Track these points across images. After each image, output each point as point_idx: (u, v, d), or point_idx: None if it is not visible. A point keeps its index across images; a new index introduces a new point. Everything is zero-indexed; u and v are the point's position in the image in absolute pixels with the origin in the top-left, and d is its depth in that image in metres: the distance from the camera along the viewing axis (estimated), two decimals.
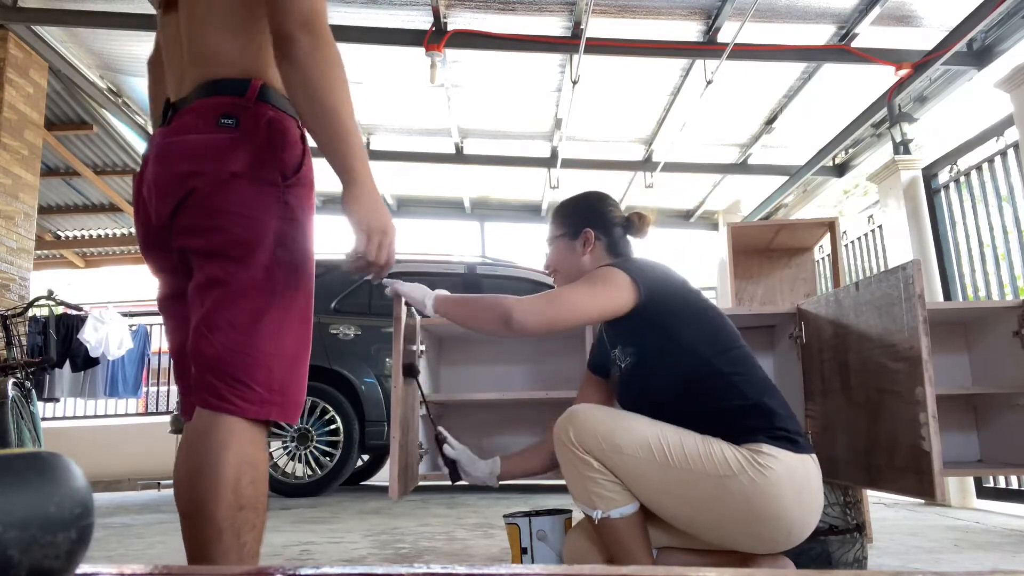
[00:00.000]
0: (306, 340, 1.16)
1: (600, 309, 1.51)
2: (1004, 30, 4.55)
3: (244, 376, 1.05)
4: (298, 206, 1.13)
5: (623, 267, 1.55)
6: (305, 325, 1.15)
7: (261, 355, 1.06)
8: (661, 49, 5.05)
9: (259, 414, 1.07)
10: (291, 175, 1.12)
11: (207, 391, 1.06)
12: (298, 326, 1.13)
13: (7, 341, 4.80)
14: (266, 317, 1.08)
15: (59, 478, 0.40)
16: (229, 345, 1.05)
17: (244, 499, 1.05)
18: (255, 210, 1.08)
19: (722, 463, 1.38)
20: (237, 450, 1.05)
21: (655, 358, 1.53)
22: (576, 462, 1.45)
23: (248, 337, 1.06)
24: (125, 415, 7.38)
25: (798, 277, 3.63)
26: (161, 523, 3.27)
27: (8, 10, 5.12)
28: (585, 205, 1.79)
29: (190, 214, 1.09)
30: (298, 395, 1.13)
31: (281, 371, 1.09)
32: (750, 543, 1.43)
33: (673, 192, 8.11)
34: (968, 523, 3.19)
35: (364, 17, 5.06)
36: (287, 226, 1.11)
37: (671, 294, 1.55)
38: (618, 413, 1.49)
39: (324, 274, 4.96)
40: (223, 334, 1.05)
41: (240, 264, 1.07)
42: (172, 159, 1.10)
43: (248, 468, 1.06)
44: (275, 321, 1.09)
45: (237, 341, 1.06)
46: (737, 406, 1.45)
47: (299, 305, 1.14)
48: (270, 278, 1.09)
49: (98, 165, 7.55)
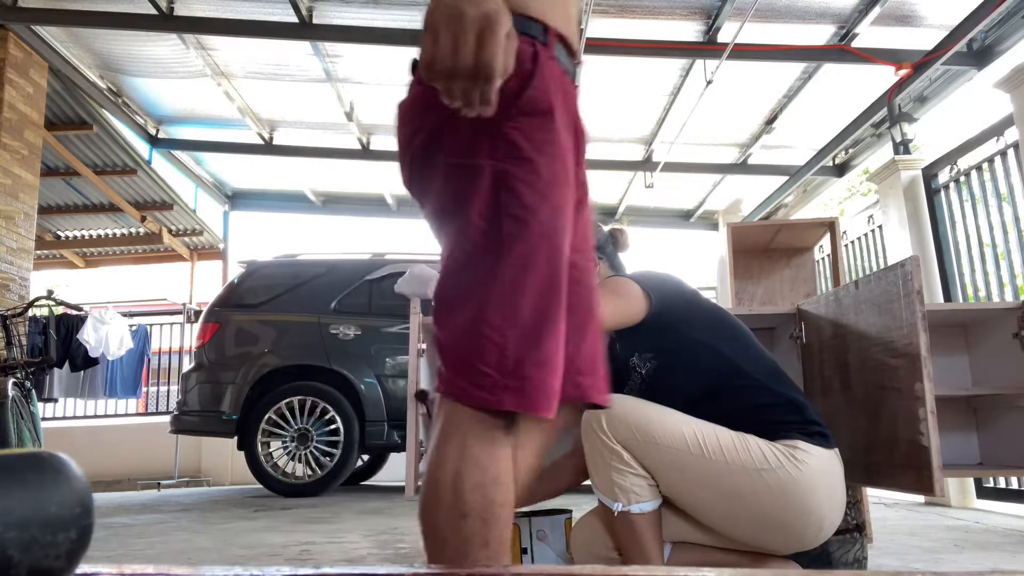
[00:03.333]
0: (551, 308, 0.90)
1: (614, 318, 1.53)
2: (1004, 30, 4.55)
3: (470, 355, 0.88)
4: (525, 141, 0.90)
5: (633, 278, 1.57)
6: (549, 289, 0.90)
7: (488, 329, 0.87)
8: (661, 49, 5.05)
9: (486, 402, 0.87)
10: (509, 105, 0.88)
11: (438, 374, 0.91)
12: (538, 290, 0.89)
13: (7, 341, 4.80)
14: (492, 283, 0.88)
15: (59, 478, 0.40)
16: (455, 320, 0.90)
17: (466, 506, 0.86)
18: (460, 155, 0.90)
19: (759, 457, 1.38)
20: (458, 444, 0.88)
21: (677, 360, 1.54)
22: (605, 452, 1.44)
23: (471, 309, 0.88)
24: (125, 415, 7.38)
25: (798, 277, 3.63)
26: (161, 523, 3.27)
27: (8, 10, 5.12)
28: None
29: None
30: (543, 377, 0.87)
31: (516, 348, 0.87)
32: (783, 539, 1.43)
33: (673, 192, 8.10)
34: (968, 523, 3.19)
35: (364, 17, 5.07)
36: (511, 166, 0.89)
37: (683, 301, 1.57)
38: (652, 405, 1.49)
39: (324, 274, 4.98)
40: (445, 307, 0.91)
41: (452, 224, 0.92)
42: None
43: (472, 468, 0.88)
44: (504, 286, 0.88)
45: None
46: (768, 403, 1.47)
47: (538, 263, 0.89)
48: (492, 235, 0.89)
49: (98, 165, 7.55)
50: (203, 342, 4.77)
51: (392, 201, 8.73)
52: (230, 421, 4.54)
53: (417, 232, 10.69)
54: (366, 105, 6.36)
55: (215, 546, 2.50)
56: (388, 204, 8.77)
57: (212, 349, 4.73)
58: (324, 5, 5.02)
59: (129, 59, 5.91)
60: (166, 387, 7.67)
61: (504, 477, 0.89)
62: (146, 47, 5.72)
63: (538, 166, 0.89)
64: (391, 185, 8.36)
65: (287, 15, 5.01)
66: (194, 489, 6.16)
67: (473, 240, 0.89)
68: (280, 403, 4.49)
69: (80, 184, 7.83)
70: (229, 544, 2.53)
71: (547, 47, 0.94)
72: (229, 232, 9.11)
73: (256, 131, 6.91)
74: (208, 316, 4.86)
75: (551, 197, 0.90)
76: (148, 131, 7.10)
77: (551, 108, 0.91)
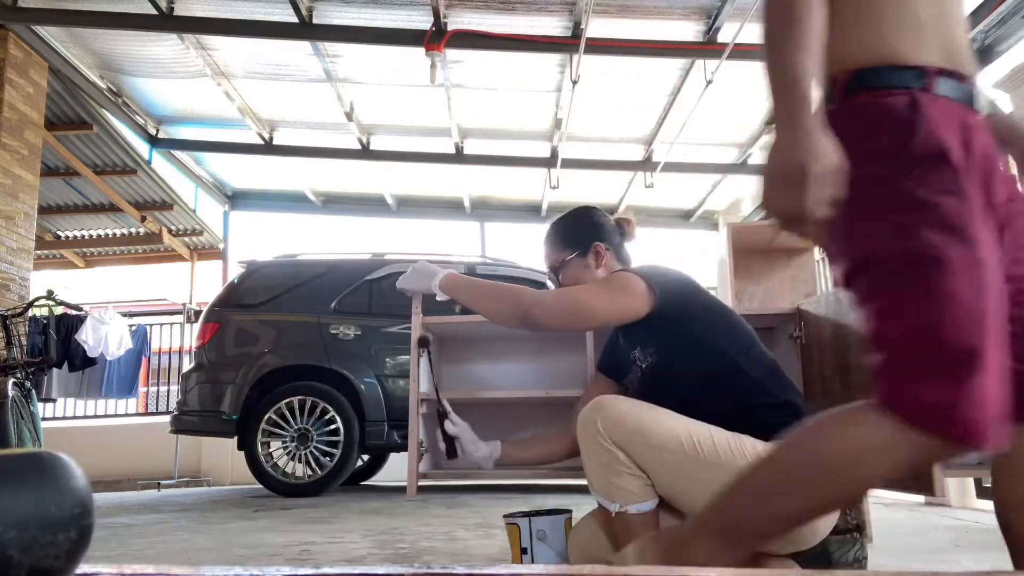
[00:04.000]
0: (983, 337, 0.88)
1: (618, 313, 1.53)
2: (1004, 30, 4.55)
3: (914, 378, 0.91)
4: (923, 188, 0.94)
5: (638, 273, 1.56)
6: (979, 320, 0.89)
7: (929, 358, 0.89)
8: (661, 49, 5.05)
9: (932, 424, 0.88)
10: (898, 160, 0.95)
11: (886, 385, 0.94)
12: (970, 322, 0.89)
13: (7, 341, 4.80)
14: (918, 325, 0.91)
15: (59, 478, 0.40)
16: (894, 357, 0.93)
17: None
18: (873, 209, 0.96)
19: (754, 458, 1.38)
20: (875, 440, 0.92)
21: (678, 357, 1.54)
22: (601, 453, 1.43)
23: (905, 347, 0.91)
24: (125, 415, 7.38)
25: (798, 277, 3.64)
26: (161, 523, 3.27)
27: (8, 10, 5.12)
28: (587, 221, 1.80)
29: None
30: (983, 406, 0.86)
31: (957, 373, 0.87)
32: (779, 540, 1.43)
33: (673, 192, 8.11)
34: (968, 523, 3.19)
35: (364, 17, 5.07)
36: (917, 214, 0.93)
37: (688, 298, 1.56)
38: (646, 405, 1.48)
39: (324, 274, 4.98)
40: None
41: (874, 274, 0.97)
42: None
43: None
44: (931, 324, 0.90)
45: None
46: (764, 404, 1.47)
47: (962, 299, 0.90)
48: (910, 283, 0.92)
49: (98, 165, 7.55)
50: (203, 342, 4.77)
51: (392, 201, 8.73)
52: (230, 421, 4.54)
53: (417, 232, 10.67)
54: (366, 105, 6.36)
55: (215, 546, 2.50)
56: (388, 204, 8.77)
57: (212, 349, 4.73)
58: (324, 5, 5.02)
59: (129, 59, 5.91)
60: (166, 387, 7.67)
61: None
62: (146, 47, 5.72)
63: (943, 206, 0.92)
64: (391, 185, 8.36)
65: (287, 15, 5.01)
66: (194, 489, 6.16)
67: (896, 286, 0.93)
68: (280, 403, 4.49)
69: (80, 184, 7.83)
70: (229, 544, 2.53)
71: (926, 90, 0.97)
72: (229, 232, 9.12)
73: (256, 131, 6.91)
74: (208, 316, 4.86)
75: (962, 230, 0.92)
76: (148, 131, 7.10)
77: (943, 149, 0.94)
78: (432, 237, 10.90)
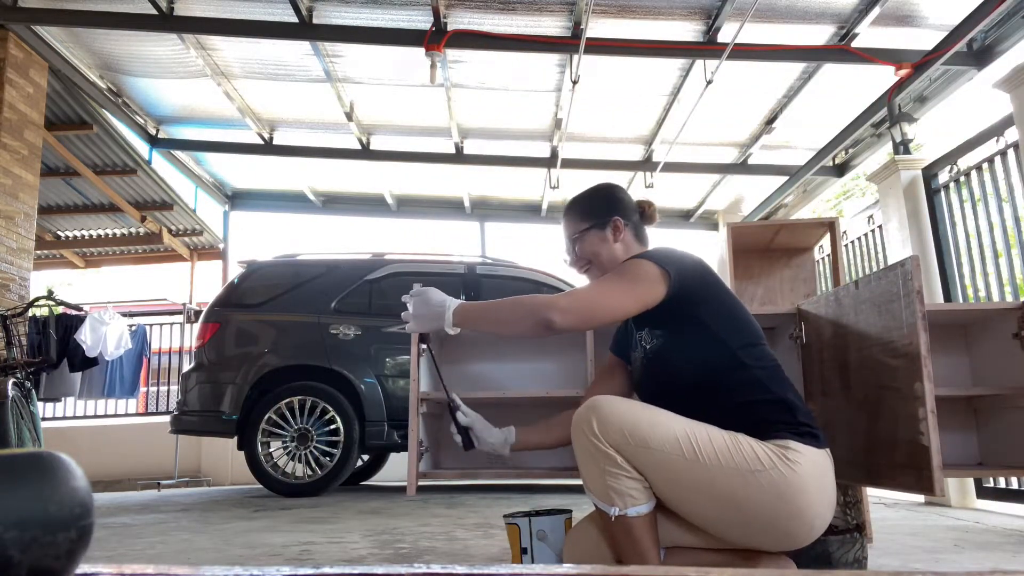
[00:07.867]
0: None
1: (638, 304, 1.50)
2: (1004, 30, 4.55)
3: None
4: None
5: (652, 258, 1.54)
6: None
7: None
8: (661, 49, 5.05)
9: None
10: None
11: None
12: None
13: (7, 341, 4.80)
14: None
15: (59, 478, 0.40)
16: None
17: None
18: None
19: (752, 458, 1.37)
20: None
21: (681, 343, 1.53)
22: (597, 455, 1.42)
23: None
24: (125, 415, 7.38)
25: (798, 277, 3.63)
26: (161, 523, 3.27)
27: (8, 10, 5.12)
28: (607, 194, 1.78)
29: None
30: None
31: None
32: (773, 539, 1.42)
33: (673, 192, 8.11)
34: (968, 523, 3.19)
35: (364, 17, 5.07)
36: None
37: (700, 284, 1.55)
38: (642, 406, 1.47)
39: (324, 274, 4.98)
40: None
41: None
42: None
43: None
44: None
45: None
46: (761, 400, 1.46)
47: None
48: None
49: (98, 165, 7.55)
50: (203, 342, 4.77)
51: (392, 201, 8.73)
52: (230, 421, 4.54)
53: (417, 232, 10.62)
54: (366, 105, 6.36)
55: (215, 546, 2.50)
56: (388, 204, 8.77)
57: (212, 349, 4.73)
58: (324, 5, 5.02)
59: (129, 59, 5.91)
60: (166, 387, 7.67)
61: None
62: (146, 47, 5.72)
63: None
64: (391, 185, 8.36)
65: (287, 15, 5.01)
66: (194, 489, 6.16)
67: None
68: (280, 403, 4.49)
69: (80, 184, 7.83)
70: (229, 544, 2.53)
71: None
72: (229, 232, 9.11)
73: (256, 131, 6.91)
74: (208, 316, 4.86)
75: None
76: (148, 131, 7.10)
77: None
78: (432, 237, 10.91)
